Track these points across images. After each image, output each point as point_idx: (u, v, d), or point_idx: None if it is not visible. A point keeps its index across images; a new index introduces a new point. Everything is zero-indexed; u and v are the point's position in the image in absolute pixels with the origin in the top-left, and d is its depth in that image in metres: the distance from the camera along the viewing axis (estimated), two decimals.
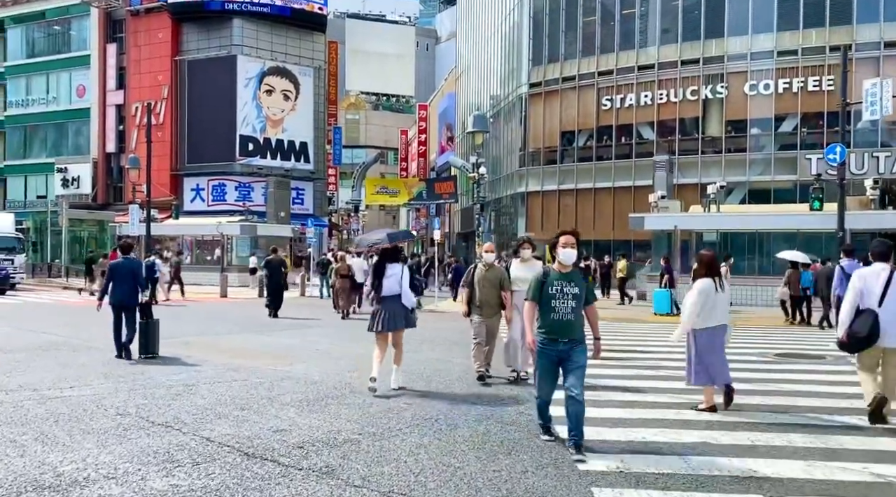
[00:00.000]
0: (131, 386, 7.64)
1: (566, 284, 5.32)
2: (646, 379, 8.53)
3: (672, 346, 9.79)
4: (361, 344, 11.31)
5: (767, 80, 29.59)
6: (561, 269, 5.36)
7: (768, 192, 29.68)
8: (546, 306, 5.33)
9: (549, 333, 5.31)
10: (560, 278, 5.33)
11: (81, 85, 46.31)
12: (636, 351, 11.25)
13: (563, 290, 5.28)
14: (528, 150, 36.87)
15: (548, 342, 5.32)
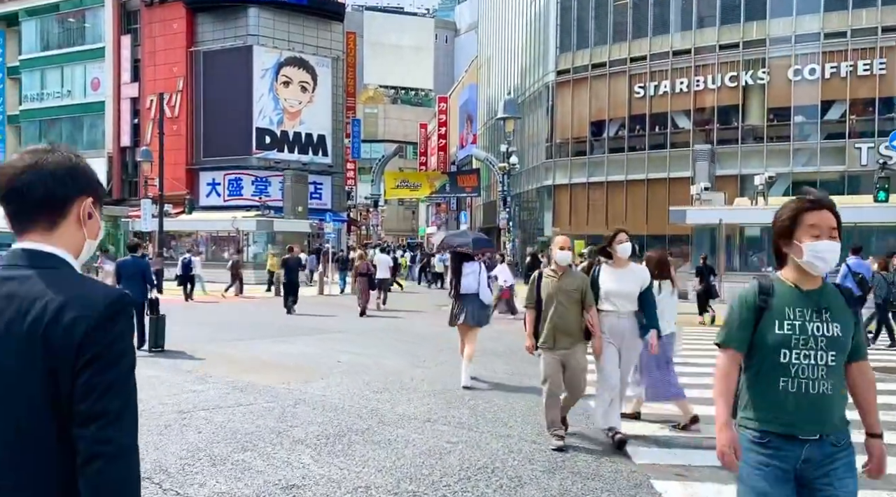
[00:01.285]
0: None
1: (816, 316, 2.39)
2: None
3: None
4: (388, 354, 9.93)
5: (813, 65, 27.76)
6: (800, 284, 2.45)
7: (814, 183, 27.78)
8: (768, 363, 2.39)
9: (776, 423, 2.37)
10: (803, 302, 2.41)
11: (96, 78, 45.43)
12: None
13: (811, 331, 2.36)
14: (554, 141, 35.27)
15: (770, 442, 2.37)
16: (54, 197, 1.43)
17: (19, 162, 1.43)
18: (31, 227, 1.43)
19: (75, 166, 1.47)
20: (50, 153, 1.45)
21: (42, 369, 1.33)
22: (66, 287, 1.38)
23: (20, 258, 1.41)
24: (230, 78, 39.86)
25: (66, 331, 1.32)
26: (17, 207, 1.43)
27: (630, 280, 5.55)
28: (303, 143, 41.20)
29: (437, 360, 9.57)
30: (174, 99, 41.18)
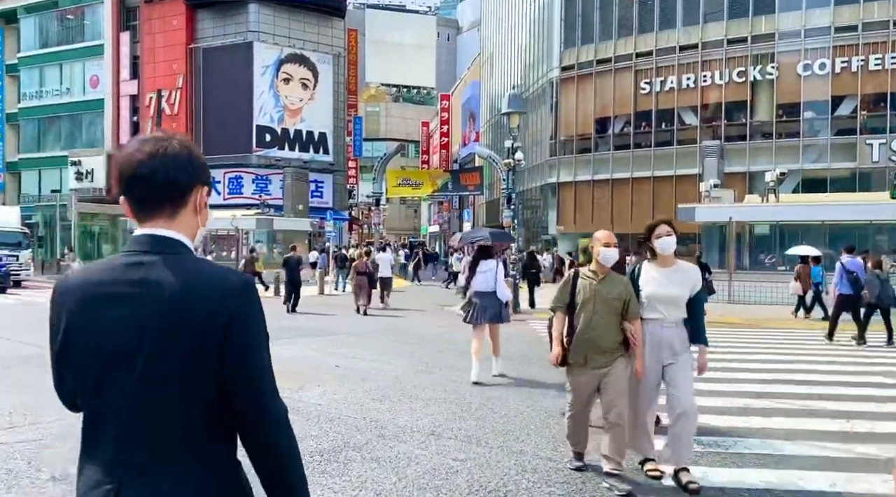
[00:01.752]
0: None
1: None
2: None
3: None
4: (389, 357, 9.43)
5: (823, 59, 27.23)
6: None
7: (824, 180, 27.37)
8: None
9: None
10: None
11: (95, 75, 44.96)
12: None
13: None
14: (559, 138, 34.75)
15: None
16: (176, 185, 1.45)
17: (141, 150, 1.44)
18: (153, 214, 1.45)
19: (193, 155, 1.50)
20: (168, 141, 1.47)
21: (186, 350, 1.36)
22: (199, 271, 1.42)
23: (146, 244, 1.43)
24: (230, 75, 39.38)
25: (211, 313, 1.36)
26: (141, 194, 1.45)
27: (678, 281, 4.52)
28: (304, 141, 40.70)
29: (441, 364, 9.07)
30: (174, 96, 40.71)
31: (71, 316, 1.41)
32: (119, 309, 1.38)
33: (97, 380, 1.39)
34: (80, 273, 1.47)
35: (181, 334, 1.36)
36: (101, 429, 1.41)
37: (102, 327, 1.38)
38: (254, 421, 1.41)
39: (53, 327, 1.45)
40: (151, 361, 1.36)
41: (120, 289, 1.39)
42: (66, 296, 1.43)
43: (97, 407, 1.41)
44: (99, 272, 1.43)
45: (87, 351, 1.40)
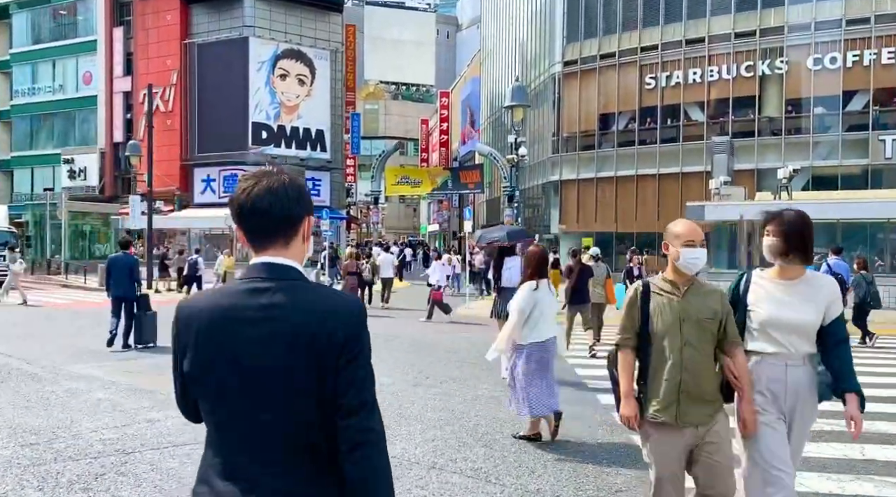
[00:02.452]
0: (25, 463, 5.03)
1: None
2: None
3: None
4: (384, 368, 8.64)
5: (834, 53, 26.42)
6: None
7: (834, 178, 26.57)
8: None
9: None
10: None
11: (88, 72, 44.23)
12: None
13: None
14: (561, 135, 33.95)
15: None
16: (290, 218, 1.59)
17: (258, 185, 1.57)
18: (269, 243, 1.58)
19: (302, 188, 1.65)
20: (280, 177, 1.60)
21: (306, 368, 1.49)
22: (317, 295, 1.56)
23: (264, 271, 1.56)
24: (225, 71, 38.59)
25: (329, 335, 1.50)
26: (259, 227, 1.58)
27: (806, 301, 3.07)
28: (300, 138, 39.91)
29: (442, 376, 8.29)
30: (168, 93, 39.93)
31: (201, 336, 1.55)
32: (248, 329, 1.51)
33: (226, 393, 1.53)
34: (201, 297, 1.61)
35: (303, 353, 1.49)
36: (228, 436, 1.55)
37: (232, 346, 1.52)
38: (353, 433, 1.50)
39: (180, 345, 1.58)
40: (277, 376, 1.50)
41: (247, 313, 1.52)
42: (193, 318, 1.56)
43: (225, 417, 1.55)
44: (223, 297, 1.57)
45: (218, 367, 1.53)
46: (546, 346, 5.47)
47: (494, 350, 5.59)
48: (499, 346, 5.49)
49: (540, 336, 5.45)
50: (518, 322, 5.38)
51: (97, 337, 11.44)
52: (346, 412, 1.49)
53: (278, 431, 1.50)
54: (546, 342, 5.47)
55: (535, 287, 5.51)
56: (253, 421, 1.51)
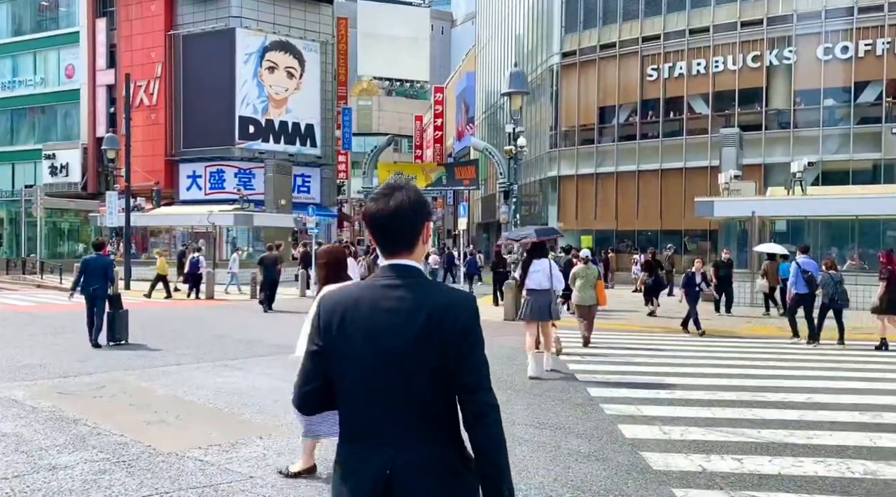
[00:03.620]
0: None
1: None
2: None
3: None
4: None
5: (845, 43, 25.29)
6: None
7: (846, 172, 25.45)
8: None
9: None
10: None
11: (70, 64, 42.85)
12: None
13: None
14: (559, 129, 32.76)
15: None
16: (416, 227, 1.89)
17: (388, 199, 1.87)
18: (398, 248, 1.88)
19: (424, 201, 1.93)
20: (407, 192, 1.89)
21: (434, 352, 1.76)
22: (439, 292, 1.86)
23: (395, 271, 1.86)
24: (212, 63, 37.28)
25: (453, 324, 1.78)
26: (389, 234, 1.88)
27: None
28: (289, 133, 38.58)
29: None
30: (152, 86, 38.59)
31: (345, 323, 1.81)
32: (384, 318, 1.79)
33: (365, 370, 1.79)
34: (343, 290, 1.92)
35: (432, 339, 1.77)
36: (364, 407, 1.80)
37: (373, 333, 1.79)
38: (476, 407, 1.78)
39: (319, 332, 1.85)
40: (409, 359, 1.77)
41: (389, 304, 1.80)
42: (337, 307, 1.84)
43: (362, 391, 1.80)
44: (364, 290, 1.86)
45: (359, 349, 1.79)
46: None
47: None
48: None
49: None
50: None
51: (46, 348, 10.21)
52: (471, 389, 1.78)
53: (408, 403, 1.78)
54: None
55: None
56: (387, 394, 1.78)
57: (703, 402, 6.95)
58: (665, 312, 15.72)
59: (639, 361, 9.57)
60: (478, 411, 1.77)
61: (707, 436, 5.66)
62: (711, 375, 8.56)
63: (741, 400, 7.09)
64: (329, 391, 1.85)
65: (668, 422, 6.13)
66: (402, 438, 1.76)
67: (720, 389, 7.65)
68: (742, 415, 6.41)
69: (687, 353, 10.61)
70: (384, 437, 1.77)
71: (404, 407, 1.77)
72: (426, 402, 1.77)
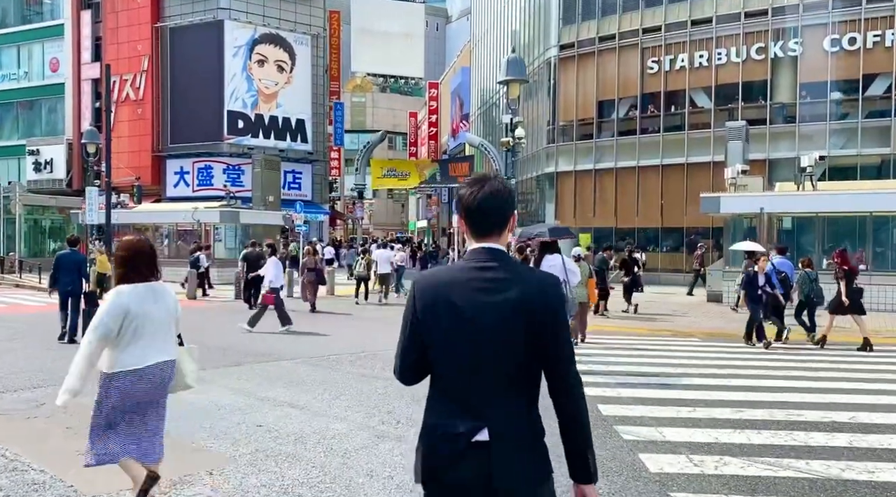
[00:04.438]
0: None
1: None
2: None
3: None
4: (344, 405, 6.42)
5: (853, 33, 24.42)
6: None
7: (853, 168, 24.61)
8: None
9: None
10: None
11: (55, 58, 41.76)
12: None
13: None
14: (557, 123, 31.83)
15: None
16: (505, 214, 2.06)
17: (482, 189, 2.04)
18: (489, 233, 2.04)
19: (512, 190, 2.12)
20: (498, 179, 2.08)
21: (524, 329, 1.92)
22: (528, 273, 2.03)
23: (487, 254, 2.01)
24: (199, 56, 36.34)
25: (545, 302, 1.94)
26: (483, 220, 2.04)
27: None
28: (280, 128, 37.62)
29: (419, 419, 6.10)
30: (138, 80, 37.63)
31: (440, 301, 1.96)
32: (479, 296, 1.93)
33: (465, 348, 1.94)
34: (435, 272, 2.06)
35: (524, 316, 1.91)
36: (463, 386, 1.95)
37: (469, 309, 1.93)
38: (568, 378, 1.96)
39: (415, 312, 2.00)
40: (501, 335, 1.91)
41: (482, 284, 1.95)
42: (431, 288, 2.00)
43: (458, 365, 1.95)
44: (458, 272, 2.02)
45: (455, 325, 1.94)
46: (143, 374, 3.71)
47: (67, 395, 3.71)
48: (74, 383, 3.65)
49: (134, 362, 3.68)
50: (96, 343, 3.61)
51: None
52: (562, 362, 1.95)
53: (498, 376, 1.93)
54: (144, 370, 3.71)
55: (125, 291, 3.72)
56: (478, 368, 1.93)
57: (733, 424, 6.03)
58: (644, 310, 16.02)
59: (647, 370, 8.66)
60: (570, 382, 1.96)
61: (748, 470, 4.74)
62: (733, 388, 7.64)
63: (775, 420, 6.18)
64: (424, 364, 2.02)
65: (696, 449, 5.21)
66: (491, 408, 1.91)
67: (748, 406, 6.73)
68: (782, 440, 5.50)
69: (688, 357, 9.71)
70: (474, 408, 1.91)
71: (494, 380, 1.92)
72: (514, 376, 1.94)
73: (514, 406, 1.93)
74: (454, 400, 1.93)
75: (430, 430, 1.97)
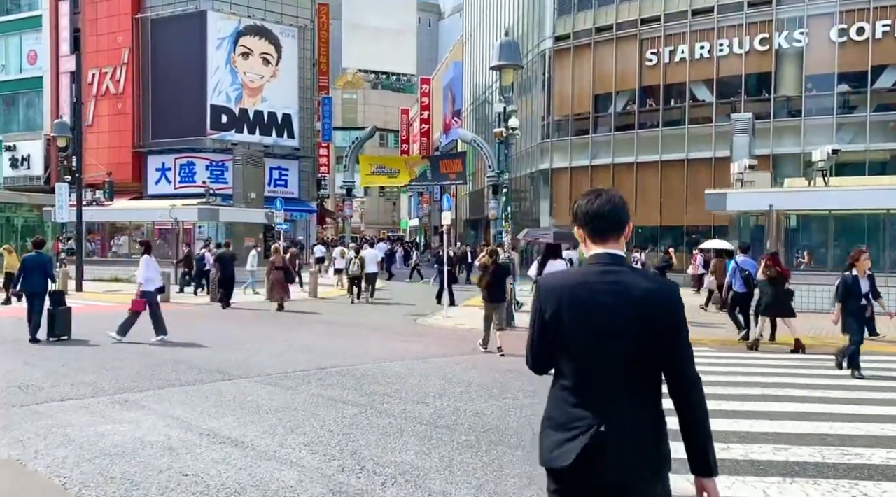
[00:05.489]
0: None
1: None
2: None
3: None
4: (298, 444, 5.20)
5: (861, 23, 23.42)
6: None
7: (861, 164, 23.55)
8: None
9: None
10: None
11: (33, 50, 40.45)
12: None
13: None
14: (552, 118, 30.73)
15: None
16: (622, 219, 2.21)
17: (599, 197, 2.23)
18: (608, 239, 2.18)
19: (625, 200, 2.25)
20: (613, 190, 2.26)
21: (646, 330, 2.04)
22: (648, 277, 2.17)
23: (608, 259, 2.15)
24: (182, 48, 35.05)
25: (668, 306, 2.08)
26: (602, 227, 2.19)
27: None
28: (265, 123, 36.35)
29: (390, 463, 4.93)
30: (118, 73, 36.29)
31: (565, 302, 2.10)
32: (603, 298, 2.07)
33: (588, 346, 2.07)
34: (560, 275, 2.26)
35: (645, 317, 2.03)
36: (585, 381, 2.08)
37: (595, 311, 2.06)
38: (690, 377, 2.08)
39: (542, 312, 2.15)
40: (625, 334, 2.04)
41: (605, 286, 2.08)
42: (556, 290, 2.15)
43: (582, 365, 2.09)
44: (582, 275, 2.16)
45: (582, 326, 2.07)
46: None
47: None
48: None
49: None
50: None
51: None
52: (684, 363, 2.08)
53: (620, 373, 2.05)
54: None
55: None
56: (603, 365, 2.06)
57: (787, 468, 4.89)
58: None
59: None
60: (691, 381, 2.09)
61: None
62: (777, 418, 6.50)
63: (834, 464, 5.04)
64: (552, 358, 2.18)
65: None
66: (611, 404, 2.03)
67: (793, 441, 5.59)
68: (852, 492, 4.36)
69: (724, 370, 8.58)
70: (595, 403, 2.04)
71: (615, 377, 2.05)
72: (635, 374, 2.06)
73: (633, 403, 2.05)
74: (576, 394, 2.08)
75: (553, 420, 2.10)
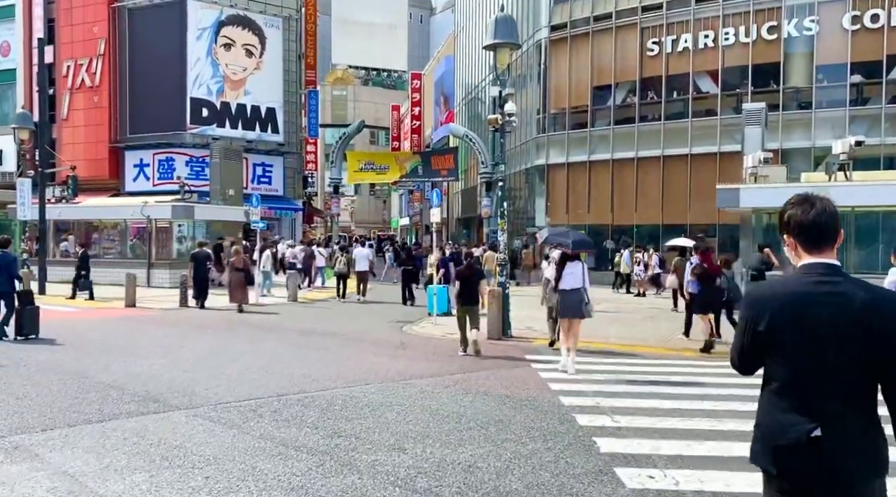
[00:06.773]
0: None
1: None
2: None
3: None
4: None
5: (876, 10, 22.22)
6: None
7: (875, 159, 22.27)
8: None
9: None
10: None
11: (6, 41, 38.86)
12: None
13: None
14: (548, 112, 29.40)
15: None
16: (837, 228, 2.18)
17: (814, 207, 2.17)
18: (823, 248, 2.17)
19: (836, 207, 2.21)
20: (823, 199, 2.20)
21: (864, 341, 2.05)
22: (867, 288, 2.12)
23: (825, 268, 2.15)
24: (160, 39, 33.58)
25: (884, 315, 2.06)
26: (817, 236, 2.17)
27: None
28: (248, 117, 34.84)
29: None
30: (94, 65, 34.71)
31: (777, 312, 2.12)
32: (822, 309, 2.08)
33: (802, 355, 2.09)
34: (772, 285, 2.28)
35: (864, 327, 2.04)
36: (799, 385, 2.10)
37: (811, 320, 2.08)
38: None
39: (752, 322, 2.17)
40: (844, 344, 2.05)
41: (820, 297, 2.09)
42: (766, 299, 2.17)
43: (798, 371, 2.11)
44: (796, 286, 2.16)
45: (798, 335, 2.09)
46: None
47: None
48: None
49: None
50: None
51: None
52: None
53: (837, 382, 2.07)
54: None
55: None
56: (819, 373, 2.08)
57: None
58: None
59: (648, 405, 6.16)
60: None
61: None
62: None
63: None
64: (758, 362, 2.22)
65: None
66: (827, 410, 2.06)
67: None
68: None
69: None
70: (811, 409, 2.07)
71: (831, 385, 2.07)
72: (851, 382, 2.07)
73: (849, 409, 2.07)
74: (792, 400, 2.11)
75: (768, 424, 2.15)
